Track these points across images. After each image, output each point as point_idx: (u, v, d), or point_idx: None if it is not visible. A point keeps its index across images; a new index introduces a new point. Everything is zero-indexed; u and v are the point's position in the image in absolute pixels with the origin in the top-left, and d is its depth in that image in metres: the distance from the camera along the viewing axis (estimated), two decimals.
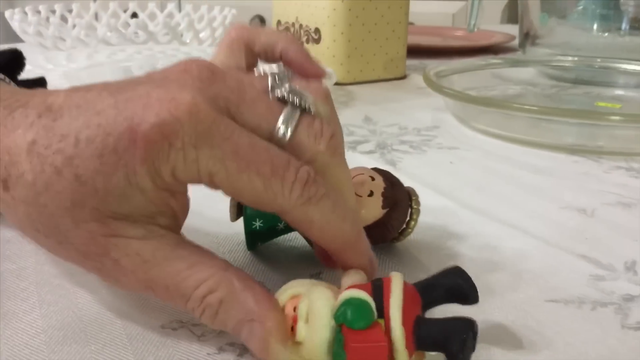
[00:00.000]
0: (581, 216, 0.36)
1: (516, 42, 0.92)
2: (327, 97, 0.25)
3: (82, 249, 0.22)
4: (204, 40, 0.85)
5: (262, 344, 0.21)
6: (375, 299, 0.21)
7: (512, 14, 1.51)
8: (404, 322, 0.21)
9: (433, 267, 0.30)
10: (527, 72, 0.75)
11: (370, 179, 0.30)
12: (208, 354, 0.23)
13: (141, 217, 0.22)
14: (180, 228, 0.24)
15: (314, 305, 0.21)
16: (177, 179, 0.21)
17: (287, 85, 0.23)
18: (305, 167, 0.22)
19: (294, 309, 0.22)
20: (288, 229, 0.30)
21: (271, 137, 0.22)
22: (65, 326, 0.25)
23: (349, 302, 0.21)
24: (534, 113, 0.47)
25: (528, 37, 0.78)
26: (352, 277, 0.24)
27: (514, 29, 1.04)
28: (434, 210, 0.36)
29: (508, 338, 0.25)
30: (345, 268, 0.25)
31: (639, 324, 0.26)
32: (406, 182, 0.31)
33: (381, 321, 0.21)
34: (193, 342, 0.24)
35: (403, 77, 0.74)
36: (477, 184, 0.41)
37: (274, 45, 0.29)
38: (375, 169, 0.31)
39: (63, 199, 0.21)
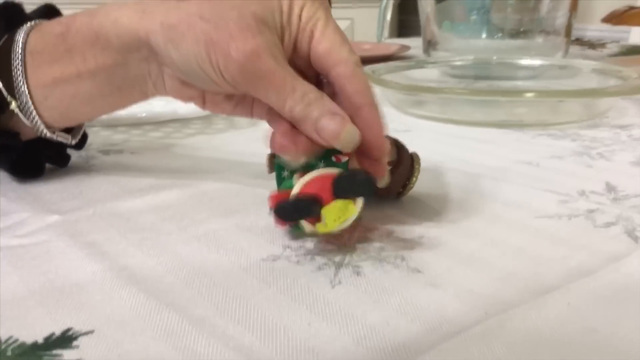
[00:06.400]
0: (530, 166, 0.46)
1: (412, 51, 1.04)
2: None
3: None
4: None
5: (340, 125, 0.31)
6: None
7: (392, 31, 1.65)
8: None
9: (439, 207, 0.38)
10: (432, 73, 0.86)
11: None
12: (311, 271, 0.29)
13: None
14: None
15: None
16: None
17: None
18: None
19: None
20: None
21: None
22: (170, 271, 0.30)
23: None
24: (472, 95, 0.56)
25: (430, 44, 0.89)
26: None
27: (403, 42, 1.16)
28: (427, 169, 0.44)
29: (507, 247, 0.33)
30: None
31: (605, 224, 0.35)
32: None
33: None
34: (293, 265, 0.30)
35: None
36: (445, 152, 0.50)
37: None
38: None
39: None
